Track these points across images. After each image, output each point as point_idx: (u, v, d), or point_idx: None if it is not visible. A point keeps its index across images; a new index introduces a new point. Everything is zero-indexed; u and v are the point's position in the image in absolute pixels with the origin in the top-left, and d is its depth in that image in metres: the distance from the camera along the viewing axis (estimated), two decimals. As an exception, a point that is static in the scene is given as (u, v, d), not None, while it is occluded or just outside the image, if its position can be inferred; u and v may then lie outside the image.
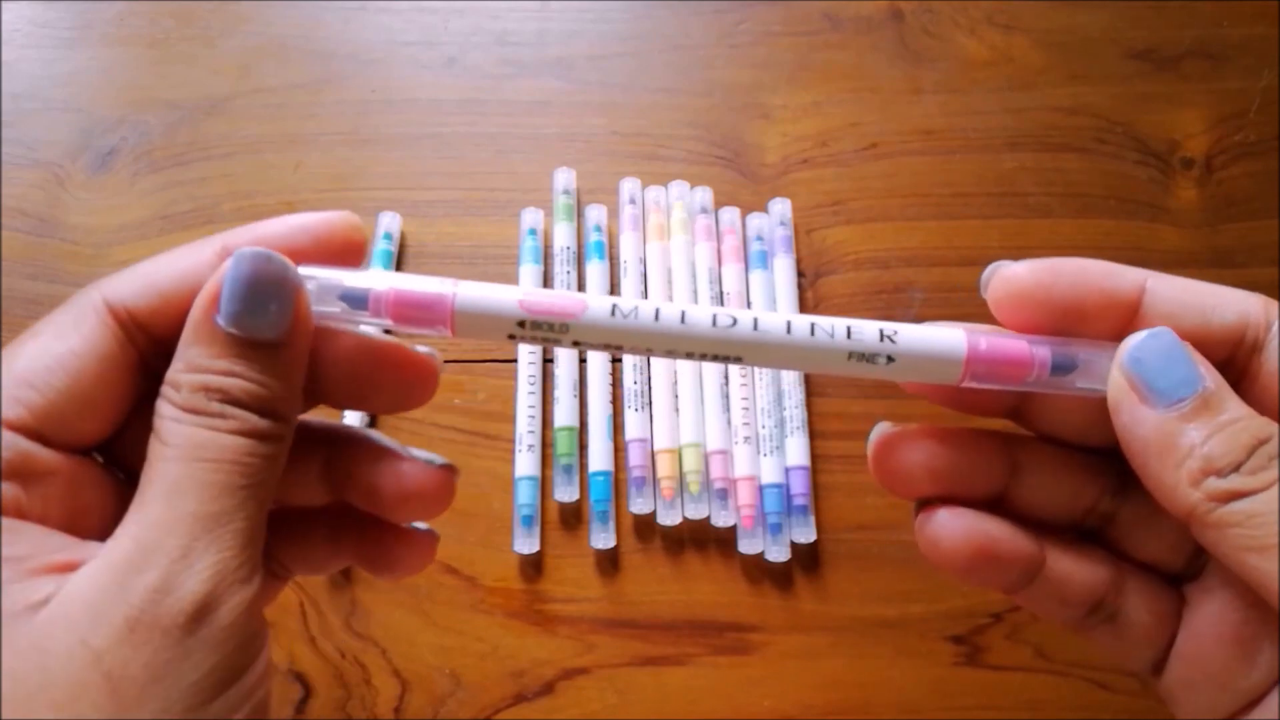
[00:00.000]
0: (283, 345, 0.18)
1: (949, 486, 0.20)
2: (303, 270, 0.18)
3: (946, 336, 0.19)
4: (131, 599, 0.16)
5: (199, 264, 0.19)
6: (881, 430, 0.20)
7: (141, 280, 0.19)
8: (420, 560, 0.22)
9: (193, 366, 0.18)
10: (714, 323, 0.19)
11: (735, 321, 0.19)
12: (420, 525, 0.22)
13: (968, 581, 0.20)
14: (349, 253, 0.20)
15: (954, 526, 0.20)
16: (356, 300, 0.19)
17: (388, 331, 0.20)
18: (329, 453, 0.21)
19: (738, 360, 0.19)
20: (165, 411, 0.18)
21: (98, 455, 0.20)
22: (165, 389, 0.18)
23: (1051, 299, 0.19)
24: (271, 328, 0.18)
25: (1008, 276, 0.19)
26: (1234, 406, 0.17)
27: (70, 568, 0.17)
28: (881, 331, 0.19)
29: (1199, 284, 0.19)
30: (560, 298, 0.19)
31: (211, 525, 0.17)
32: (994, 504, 0.20)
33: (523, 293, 0.19)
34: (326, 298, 0.19)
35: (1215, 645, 0.19)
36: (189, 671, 0.16)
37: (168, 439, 0.17)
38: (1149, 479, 0.18)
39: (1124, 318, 0.19)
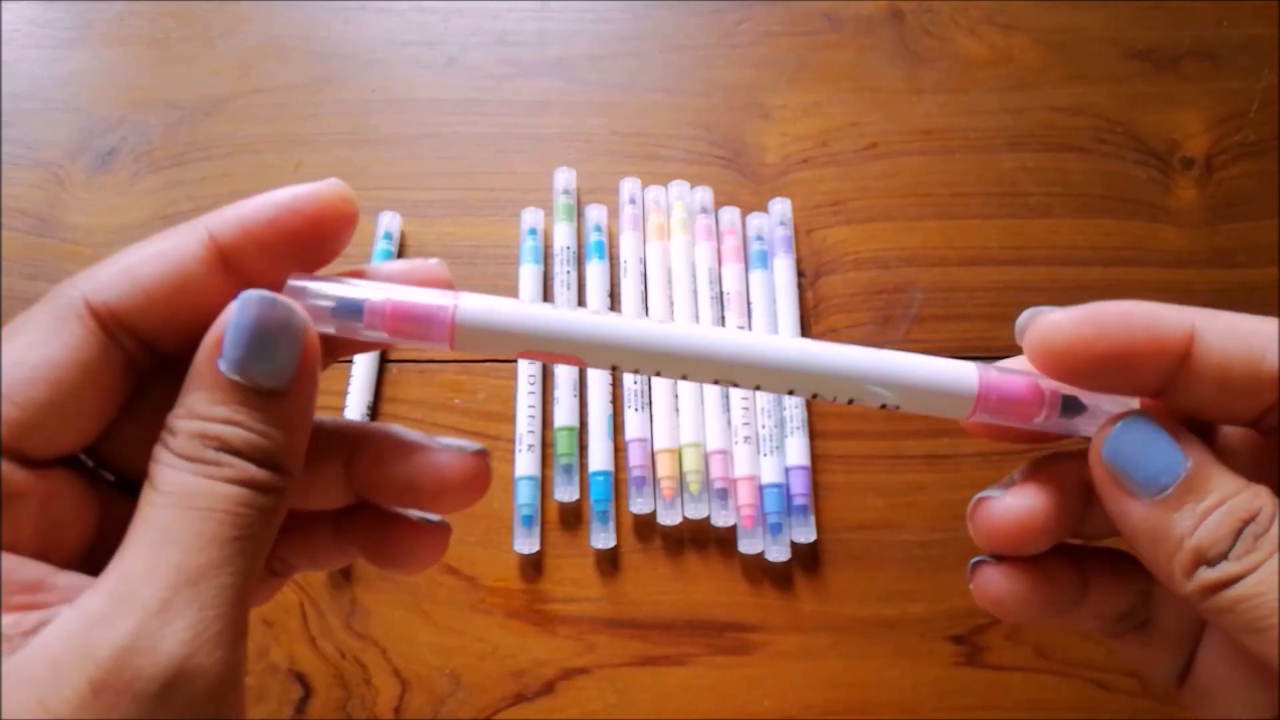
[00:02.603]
0: (287, 394, 0.17)
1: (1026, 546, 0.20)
2: (291, 281, 0.18)
3: (956, 371, 0.19)
4: (99, 657, 0.15)
5: (183, 253, 0.18)
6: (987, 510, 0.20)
7: (124, 276, 0.17)
8: (435, 553, 0.21)
9: (192, 413, 0.17)
10: (718, 346, 0.18)
11: (745, 346, 0.19)
12: (432, 518, 0.21)
13: (1022, 621, 0.20)
14: (340, 225, 0.18)
15: (1013, 583, 0.20)
16: (351, 312, 0.18)
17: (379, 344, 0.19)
18: (348, 454, 0.20)
19: (737, 385, 0.19)
20: (161, 457, 0.17)
21: (85, 458, 0.19)
22: (164, 434, 0.17)
23: (1095, 352, 0.18)
24: (275, 376, 0.17)
25: (1046, 329, 0.18)
26: (1218, 484, 0.17)
27: (37, 607, 0.16)
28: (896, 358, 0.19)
29: (1247, 321, 0.18)
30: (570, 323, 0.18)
31: (196, 579, 0.15)
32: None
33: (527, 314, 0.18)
34: (320, 312, 0.18)
35: (1238, 655, 0.19)
36: None
37: (159, 484, 0.16)
38: (1146, 564, 0.18)
39: (1171, 365, 0.18)
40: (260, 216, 0.18)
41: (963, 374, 0.19)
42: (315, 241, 0.18)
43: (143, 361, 0.18)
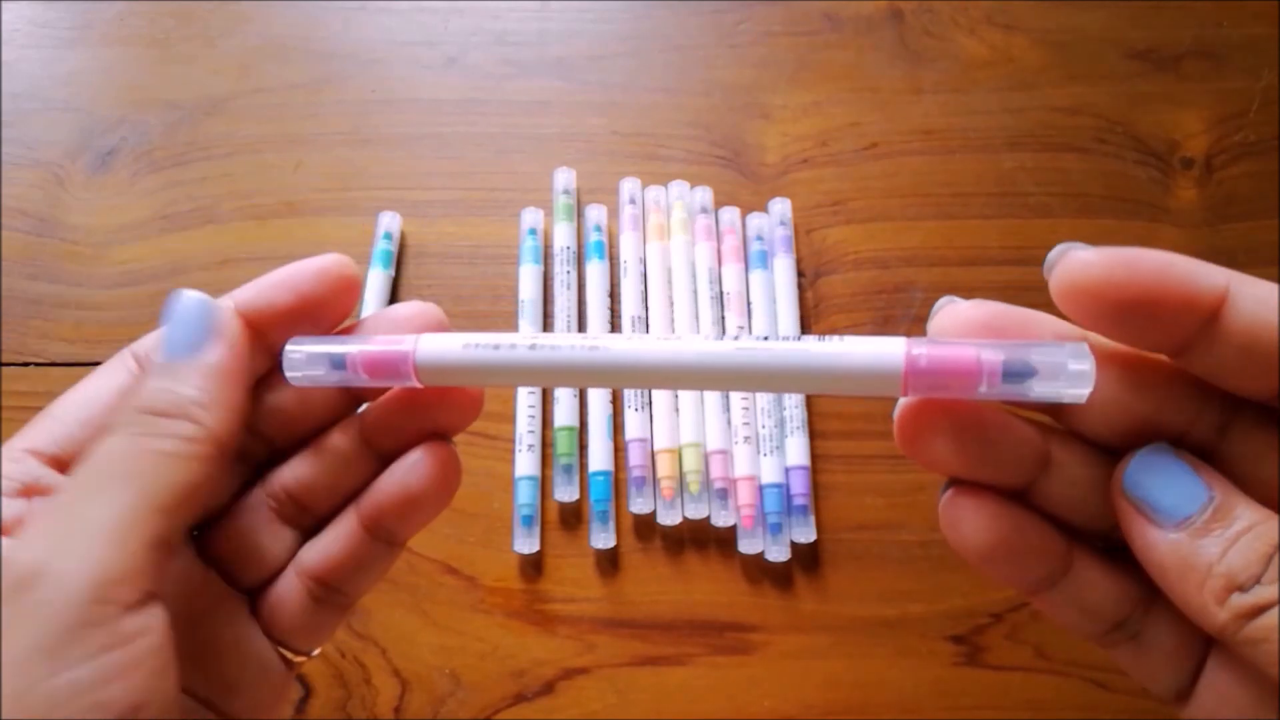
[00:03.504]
0: (203, 357, 0.20)
1: (975, 469, 0.19)
2: (290, 348, 0.20)
3: (883, 345, 0.18)
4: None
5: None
6: (908, 399, 0.19)
7: (154, 336, 0.21)
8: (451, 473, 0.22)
9: (135, 389, 0.20)
10: (662, 337, 0.19)
11: (680, 337, 0.19)
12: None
13: (987, 571, 0.19)
14: (341, 295, 0.21)
15: (979, 511, 0.19)
16: (339, 365, 0.20)
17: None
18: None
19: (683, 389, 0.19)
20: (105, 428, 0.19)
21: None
22: None
23: (1123, 296, 0.17)
24: (194, 347, 0.20)
25: (1076, 265, 0.17)
26: (1244, 512, 0.17)
27: None
28: (822, 338, 0.18)
29: None
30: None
31: (76, 507, 0.18)
32: (1020, 496, 0.19)
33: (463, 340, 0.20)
34: (314, 365, 0.21)
35: (1249, 684, 0.18)
36: (11, 637, 0.16)
37: (92, 452, 0.19)
38: (1174, 598, 0.17)
39: (1198, 324, 0.17)
40: (277, 286, 0.21)
41: (887, 346, 0.18)
42: (325, 307, 0.21)
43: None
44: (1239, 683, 0.18)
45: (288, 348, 0.20)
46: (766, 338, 0.19)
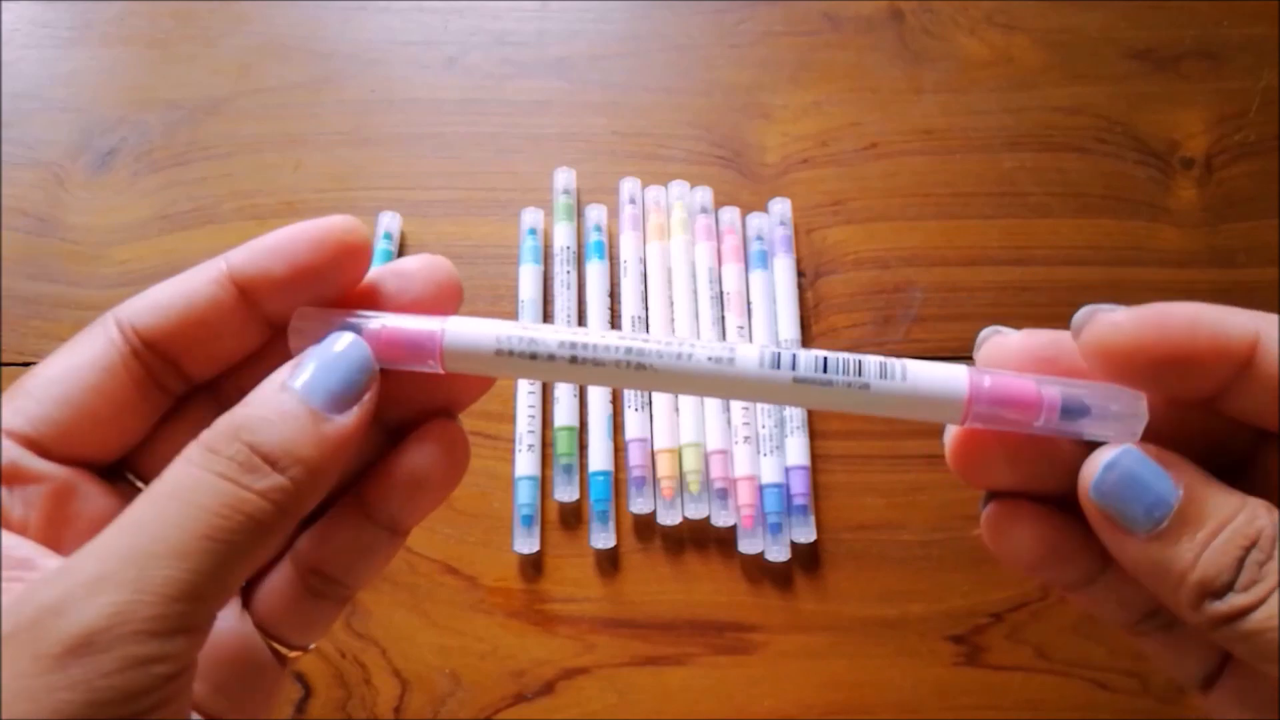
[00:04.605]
0: (338, 423, 0.17)
1: (1026, 486, 0.19)
2: (296, 319, 0.19)
3: (947, 375, 0.18)
4: (23, 612, 0.15)
5: (201, 284, 0.19)
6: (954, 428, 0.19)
7: (149, 301, 0.19)
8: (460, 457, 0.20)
9: (246, 405, 0.17)
10: (713, 359, 0.18)
11: (733, 359, 0.18)
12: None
13: (1031, 576, 0.19)
14: (346, 258, 0.19)
15: (1027, 524, 0.19)
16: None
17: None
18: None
19: (731, 397, 0.19)
20: (184, 450, 0.17)
21: (137, 480, 0.20)
22: (203, 432, 0.17)
23: (1155, 356, 0.17)
24: (341, 407, 0.17)
25: (1105, 328, 0.17)
26: (1215, 509, 0.17)
27: (19, 583, 0.16)
28: (883, 366, 0.18)
29: None
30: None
31: (143, 562, 0.15)
32: (1059, 499, 0.19)
33: (498, 330, 0.18)
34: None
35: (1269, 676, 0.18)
36: (48, 705, 0.14)
37: (162, 475, 0.16)
38: (1154, 596, 0.17)
39: (1231, 374, 0.17)
40: (270, 252, 0.19)
41: (952, 377, 0.18)
42: (325, 276, 0.19)
43: (173, 384, 0.19)
44: (1260, 673, 0.18)
45: (294, 321, 0.19)
46: (825, 367, 0.18)
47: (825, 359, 0.18)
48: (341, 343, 0.18)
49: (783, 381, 0.18)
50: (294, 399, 0.17)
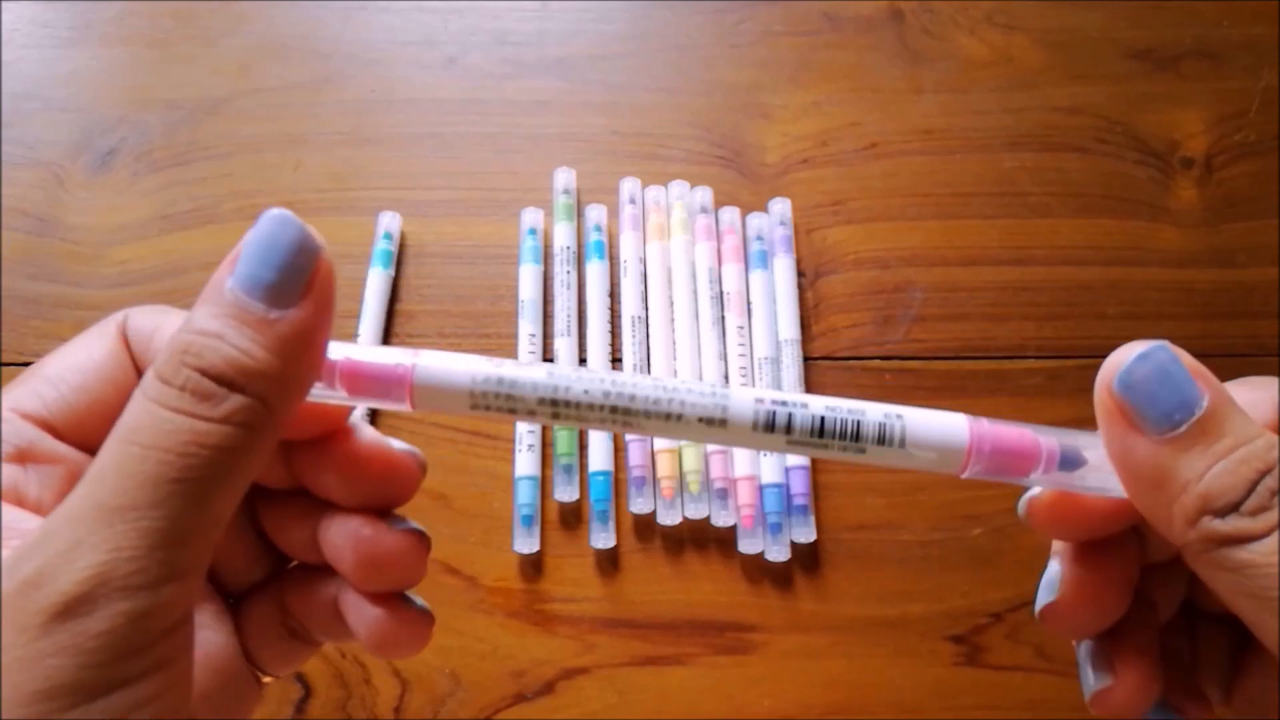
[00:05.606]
0: (288, 316, 0.16)
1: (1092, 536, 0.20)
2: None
3: (947, 423, 0.18)
4: (5, 588, 0.15)
5: (167, 322, 0.19)
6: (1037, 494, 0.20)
7: (147, 310, 0.20)
8: (420, 638, 0.20)
9: (185, 328, 0.16)
10: (704, 420, 0.18)
11: (725, 421, 0.18)
12: (418, 602, 0.20)
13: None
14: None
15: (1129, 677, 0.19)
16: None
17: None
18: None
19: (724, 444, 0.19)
20: (140, 383, 0.16)
21: None
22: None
23: (1061, 530, 0.19)
24: (279, 292, 0.16)
25: (1023, 508, 0.19)
26: (1238, 428, 0.16)
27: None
28: (883, 423, 0.18)
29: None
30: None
31: (113, 519, 0.15)
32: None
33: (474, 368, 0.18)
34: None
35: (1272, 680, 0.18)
36: (40, 674, 0.14)
37: (121, 418, 0.16)
38: (1144, 510, 0.17)
39: (1119, 527, 0.19)
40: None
41: (952, 426, 0.18)
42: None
43: None
44: (1272, 682, 0.18)
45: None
46: (822, 430, 0.18)
47: (822, 420, 0.17)
48: (271, 221, 0.16)
49: (775, 444, 0.18)
50: (234, 302, 0.16)
